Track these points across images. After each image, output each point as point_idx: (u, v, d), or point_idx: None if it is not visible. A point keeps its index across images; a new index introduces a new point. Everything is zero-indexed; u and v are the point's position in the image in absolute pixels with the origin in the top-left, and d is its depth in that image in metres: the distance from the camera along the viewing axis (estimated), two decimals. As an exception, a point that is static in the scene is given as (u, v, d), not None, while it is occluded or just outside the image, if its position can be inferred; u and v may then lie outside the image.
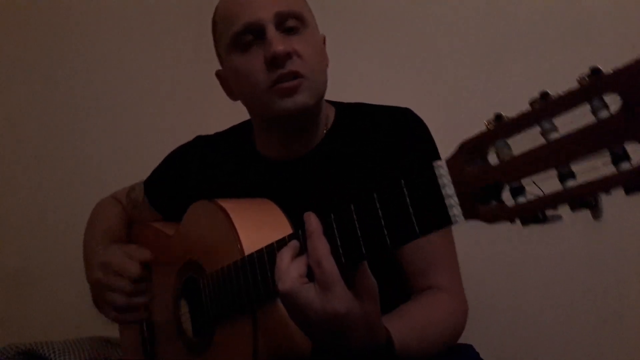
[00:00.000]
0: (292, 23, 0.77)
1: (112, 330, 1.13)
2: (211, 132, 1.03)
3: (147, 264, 0.89)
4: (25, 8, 1.38)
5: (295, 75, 0.75)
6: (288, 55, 0.75)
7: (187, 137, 1.05)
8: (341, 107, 0.90)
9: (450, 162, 0.44)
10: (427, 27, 1.39)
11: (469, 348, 0.82)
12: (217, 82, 0.92)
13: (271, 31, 0.75)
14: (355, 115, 0.87)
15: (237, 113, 1.00)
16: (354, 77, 1.38)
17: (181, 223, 0.87)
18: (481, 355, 0.82)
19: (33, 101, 1.39)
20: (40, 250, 1.33)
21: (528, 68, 1.23)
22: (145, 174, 1.07)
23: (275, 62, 0.74)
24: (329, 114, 0.88)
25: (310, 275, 0.55)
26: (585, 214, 0.41)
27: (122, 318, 0.84)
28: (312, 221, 0.56)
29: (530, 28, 1.23)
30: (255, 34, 0.76)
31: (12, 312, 1.28)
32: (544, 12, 1.22)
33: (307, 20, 0.80)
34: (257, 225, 0.72)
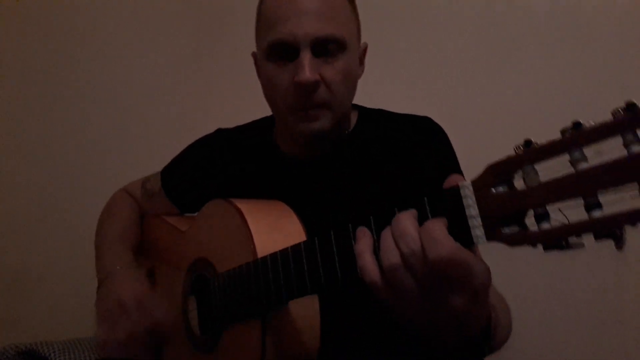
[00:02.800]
0: (328, 49, 0.76)
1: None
2: (210, 128, 1.03)
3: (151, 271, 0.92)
4: (26, 9, 1.39)
5: (320, 106, 0.77)
6: (316, 84, 0.75)
7: (187, 134, 1.05)
8: (363, 111, 0.91)
9: (476, 184, 0.44)
10: (433, 31, 1.40)
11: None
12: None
13: (305, 56, 0.74)
14: (376, 120, 0.88)
15: (236, 111, 1.01)
16: (367, 80, 1.41)
17: (195, 219, 0.87)
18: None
19: (33, 101, 1.39)
20: (40, 250, 1.33)
21: (531, 70, 1.24)
22: (144, 172, 1.07)
23: (302, 89, 0.75)
24: (351, 117, 0.89)
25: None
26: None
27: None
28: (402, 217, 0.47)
29: (543, 34, 1.25)
30: (290, 52, 0.76)
31: (12, 312, 1.28)
32: (556, 19, 1.24)
33: (345, 44, 0.77)
34: (270, 228, 0.72)
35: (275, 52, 0.77)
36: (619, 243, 0.40)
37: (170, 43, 1.65)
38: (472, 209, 0.44)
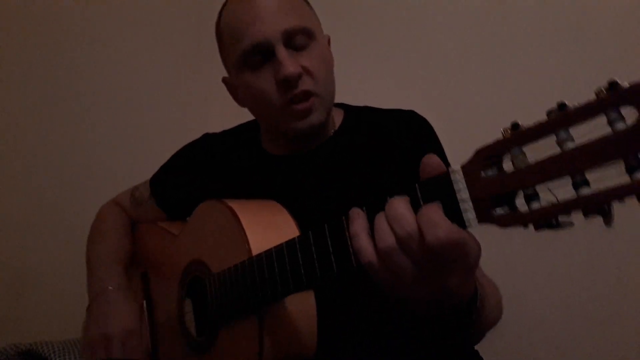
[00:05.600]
0: (300, 40, 0.77)
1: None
2: (211, 129, 1.04)
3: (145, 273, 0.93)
4: (26, 8, 1.39)
5: (307, 94, 0.76)
6: (299, 76, 0.75)
7: (187, 135, 1.05)
8: (349, 109, 0.92)
9: (466, 168, 0.45)
10: (429, 29, 1.41)
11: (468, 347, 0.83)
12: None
13: (281, 51, 0.75)
14: (362, 116, 0.89)
15: (237, 112, 1.01)
16: (356, 78, 1.39)
17: (188, 222, 0.88)
18: (480, 354, 0.84)
19: (33, 101, 1.39)
20: (40, 250, 1.33)
21: (530, 69, 1.24)
22: (145, 173, 1.07)
23: (286, 84, 0.75)
24: (337, 116, 0.90)
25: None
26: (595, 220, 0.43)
27: None
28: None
29: (533, 29, 1.25)
30: (264, 53, 0.76)
31: (12, 312, 1.28)
32: (547, 14, 1.24)
33: (314, 33, 0.79)
34: (264, 226, 0.72)
35: (250, 59, 0.77)
36: (608, 219, 0.40)
37: (170, 44, 1.66)
38: (462, 193, 0.44)
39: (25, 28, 1.38)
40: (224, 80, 0.90)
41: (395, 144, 0.82)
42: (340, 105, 0.93)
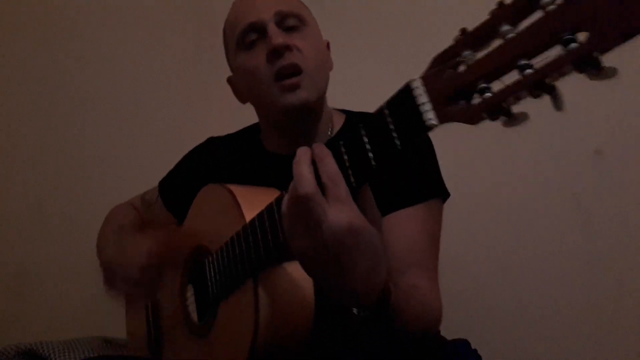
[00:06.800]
0: (292, 22, 0.83)
1: (112, 330, 1.13)
2: (212, 131, 1.08)
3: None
4: (26, 8, 1.42)
5: (295, 68, 0.80)
6: (287, 48, 0.80)
7: (188, 137, 1.09)
8: (351, 114, 0.95)
9: (424, 76, 0.49)
10: (428, 30, 1.42)
11: (465, 343, 0.82)
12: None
13: (272, 27, 0.81)
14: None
15: (237, 115, 1.05)
16: (355, 80, 1.42)
17: (190, 209, 0.90)
18: (478, 351, 0.83)
19: (33, 101, 1.41)
20: (40, 250, 1.34)
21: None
22: (144, 172, 1.10)
23: (275, 54, 0.80)
24: (338, 119, 0.93)
25: None
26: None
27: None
28: (322, 147, 0.57)
29: None
30: (258, 32, 0.82)
31: (12, 312, 1.27)
32: None
33: (307, 20, 0.85)
34: (261, 206, 0.74)
35: (245, 39, 0.83)
36: (557, 101, 0.43)
37: (171, 45, 1.70)
38: (422, 97, 0.48)
39: (25, 28, 1.41)
40: (229, 79, 0.95)
41: None
42: (343, 111, 0.97)
